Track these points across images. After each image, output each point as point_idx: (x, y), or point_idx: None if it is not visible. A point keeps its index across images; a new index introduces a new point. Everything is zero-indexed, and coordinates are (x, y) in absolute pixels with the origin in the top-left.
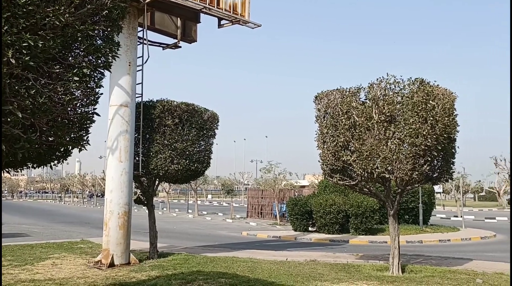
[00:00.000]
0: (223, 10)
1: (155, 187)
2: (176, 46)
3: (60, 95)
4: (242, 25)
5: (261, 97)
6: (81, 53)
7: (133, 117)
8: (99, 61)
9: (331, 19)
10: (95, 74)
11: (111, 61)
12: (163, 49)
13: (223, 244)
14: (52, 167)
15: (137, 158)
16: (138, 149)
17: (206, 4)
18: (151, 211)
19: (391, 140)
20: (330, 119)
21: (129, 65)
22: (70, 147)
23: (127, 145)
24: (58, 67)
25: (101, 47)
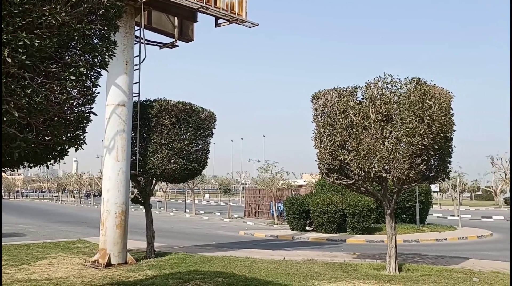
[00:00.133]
0: (220, 9)
1: (152, 186)
2: (173, 45)
3: (57, 94)
4: (239, 24)
5: (258, 96)
6: (77, 52)
7: (130, 116)
8: (95, 60)
9: (328, 18)
10: (91, 73)
11: (107, 60)
12: (160, 48)
13: (220, 243)
14: (48, 166)
15: (134, 158)
16: (135, 148)
17: (203, 3)
18: (148, 210)
19: (388, 140)
20: (327, 118)
21: (126, 64)
22: (67, 147)
23: (124, 144)
24: (55, 66)
25: (97, 46)
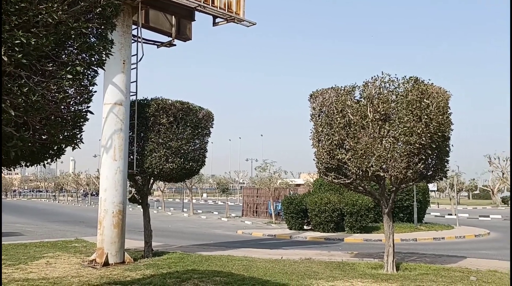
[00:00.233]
0: (218, 8)
1: (149, 185)
2: (170, 44)
3: (53, 93)
4: (237, 23)
5: (256, 95)
6: (74, 50)
7: (127, 115)
8: (92, 59)
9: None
10: (88, 72)
11: (104, 59)
12: (157, 47)
13: (218, 242)
14: (45, 165)
15: (131, 157)
16: (133, 147)
17: (201, 2)
18: (145, 210)
19: (386, 139)
20: (325, 117)
21: (123, 63)
22: (64, 146)
23: (121, 143)
24: (51, 65)
25: (94, 44)
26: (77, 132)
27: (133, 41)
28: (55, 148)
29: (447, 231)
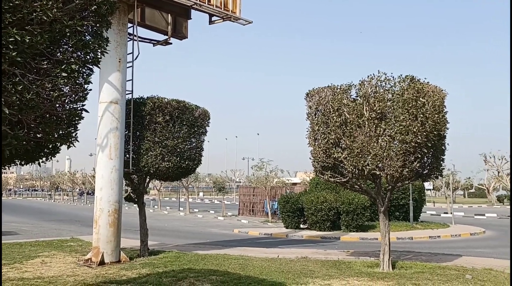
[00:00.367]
0: (214, 6)
1: (145, 184)
2: (166, 43)
3: (48, 91)
4: (233, 21)
5: (252, 95)
6: (69, 48)
7: (123, 114)
8: (87, 57)
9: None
10: (83, 70)
11: (100, 57)
12: (153, 46)
13: (214, 241)
14: (40, 164)
15: (127, 156)
16: (129, 146)
17: (197, 0)
18: (141, 208)
19: (382, 137)
20: (321, 116)
21: (119, 61)
22: (59, 144)
23: (117, 142)
24: (46, 62)
25: (89, 42)
26: (72, 131)
27: (129, 39)
28: (50, 146)
29: (443, 230)
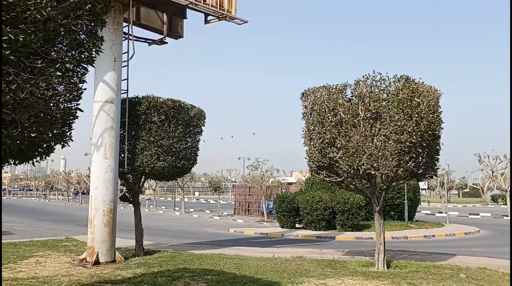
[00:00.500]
0: (210, 5)
1: (141, 184)
2: (162, 42)
3: (42, 90)
4: (229, 21)
5: (248, 94)
6: (64, 47)
7: (118, 113)
8: (82, 56)
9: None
10: (78, 69)
11: (94, 56)
12: (149, 45)
13: (210, 241)
14: (34, 163)
15: (122, 155)
16: (124, 146)
17: (192, 0)
18: (137, 208)
19: (377, 137)
20: (317, 116)
21: (114, 60)
22: (53, 143)
23: (112, 141)
24: (40, 61)
25: (84, 41)
26: (67, 130)
27: (124, 38)
28: (44, 146)
29: (438, 229)
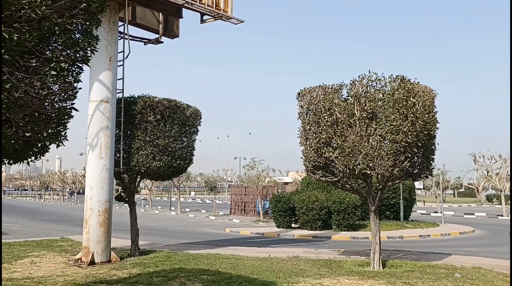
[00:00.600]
0: (206, 5)
1: (136, 184)
2: (158, 41)
3: (37, 90)
4: (225, 20)
5: (244, 94)
6: (58, 46)
7: (113, 113)
8: (77, 55)
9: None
10: (73, 68)
11: (89, 55)
12: (144, 44)
13: (205, 241)
14: (29, 163)
15: (118, 155)
16: (119, 145)
17: None
18: (132, 208)
19: (373, 137)
20: (313, 115)
21: (109, 60)
22: (48, 143)
23: (107, 141)
24: (35, 60)
25: (79, 41)
26: (62, 130)
27: (119, 37)
28: (39, 145)
29: (433, 229)
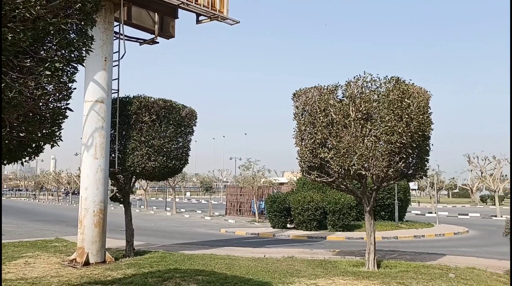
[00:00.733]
0: (201, 6)
1: (131, 184)
2: (153, 42)
3: (31, 90)
4: (221, 21)
5: (240, 94)
6: (53, 46)
7: (109, 113)
8: (72, 55)
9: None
10: (68, 69)
11: (84, 55)
12: (140, 45)
13: (201, 241)
14: (23, 163)
15: (113, 155)
16: (114, 146)
17: (184, 0)
18: (127, 208)
19: (368, 138)
20: (308, 116)
21: (105, 60)
22: (42, 143)
23: (102, 141)
24: (29, 60)
25: (74, 41)
26: (56, 130)
27: (115, 38)
28: (33, 145)
29: (427, 229)
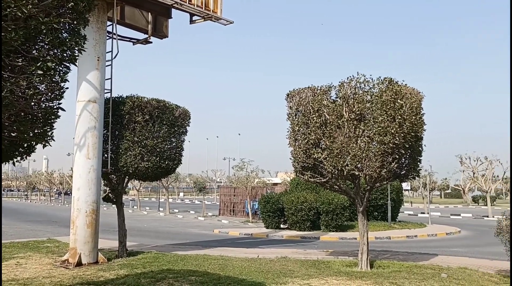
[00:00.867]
0: (195, 6)
1: (124, 184)
2: (146, 42)
3: (23, 89)
4: (214, 21)
5: (234, 95)
6: (45, 46)
7: (101, 113)
8: (64, 54)
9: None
10: (60, 68)
11: (77, 54)
12: (133, 44)
13: (194, 242)
14: (15, 163)
15: (105, 155)
16: (107, 146)
17: (177, 0)
18: (120, 209)
19: (361, 138)
20: (302, 117)
21: (97, 60)
22: (34, 143)
23: (95, 141)
24: (21, 60)
25: (66, 40)
26: (48, 130)
27: (108, 37)
28: (25, 145)
29: (420, 229)
